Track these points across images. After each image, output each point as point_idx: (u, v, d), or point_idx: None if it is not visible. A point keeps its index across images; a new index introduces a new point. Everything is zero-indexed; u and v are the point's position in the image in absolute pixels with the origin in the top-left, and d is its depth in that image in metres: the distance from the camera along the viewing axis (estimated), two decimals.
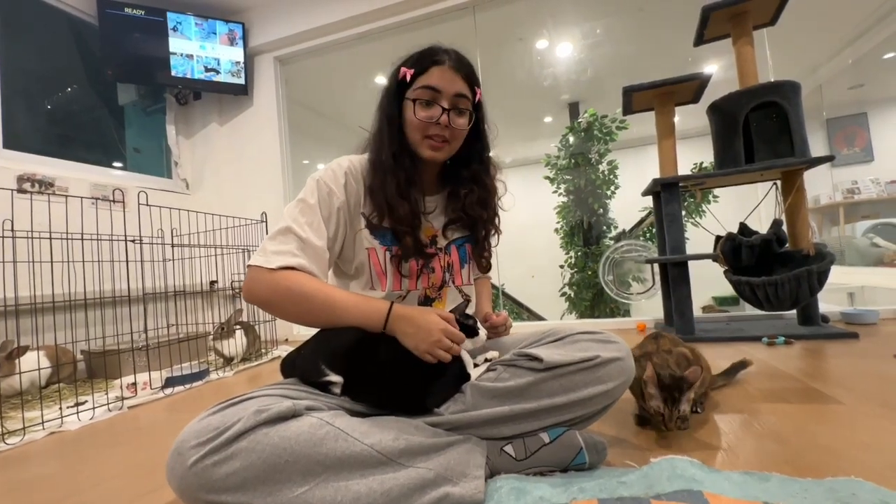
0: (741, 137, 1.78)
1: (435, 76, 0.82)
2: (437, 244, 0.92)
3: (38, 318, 1.81)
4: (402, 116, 0.86)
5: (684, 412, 0.85)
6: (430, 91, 0.82)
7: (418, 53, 0.85)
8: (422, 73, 0.83)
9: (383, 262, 0.86)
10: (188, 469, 0.57)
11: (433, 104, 0.83)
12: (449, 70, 0.83)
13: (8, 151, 2.21)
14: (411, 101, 0.84)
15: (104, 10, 2.57)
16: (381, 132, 0.87)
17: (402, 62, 0.86)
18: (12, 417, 1.38)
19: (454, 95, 0.83)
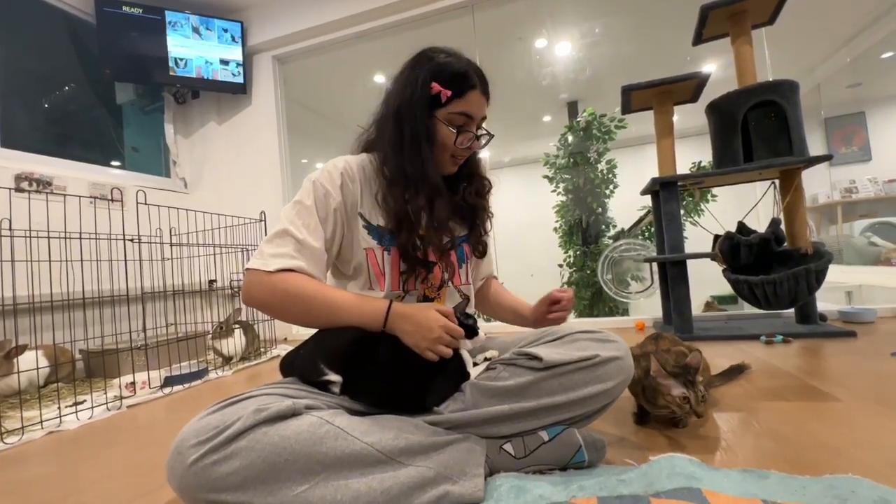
0: (740, 136, 1.79)
1: (471, 102, 0.84)
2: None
3: (37, 318, 1.81)
4: (434, 128, 0.85)
5: (703, 393, 0.85)
6: (466, 118, 0.85)
7: (452, 73, 0.84)
8: (459, 96, 0.83)
9: (381, 262, 0.86)
10: (188, 468, 0.57)
11: (465, 129, 0.85)
12: (481, 96, 0.85)
13: (6, 150, 2.20)
14: (443, 122, 0.84)
15: (102, 9, 2.56)
16: (413, 146, 0.84)
17: (433, 75, 0.83)
18: (11, 417, 1.38)
19: (481, 119, 0.87)
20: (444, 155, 0.87)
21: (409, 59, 0.89)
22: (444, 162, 0.88)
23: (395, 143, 0.85)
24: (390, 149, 0.85)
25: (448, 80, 0.83)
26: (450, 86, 0.83)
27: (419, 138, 0.84)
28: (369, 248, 0.86)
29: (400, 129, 0.85)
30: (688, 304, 1.85)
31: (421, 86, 0.83)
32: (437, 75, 0.83)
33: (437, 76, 0.83)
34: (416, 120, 0.84)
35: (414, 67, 0.86)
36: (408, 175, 0.83)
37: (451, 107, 0.84)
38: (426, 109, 0.84)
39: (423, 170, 0.84)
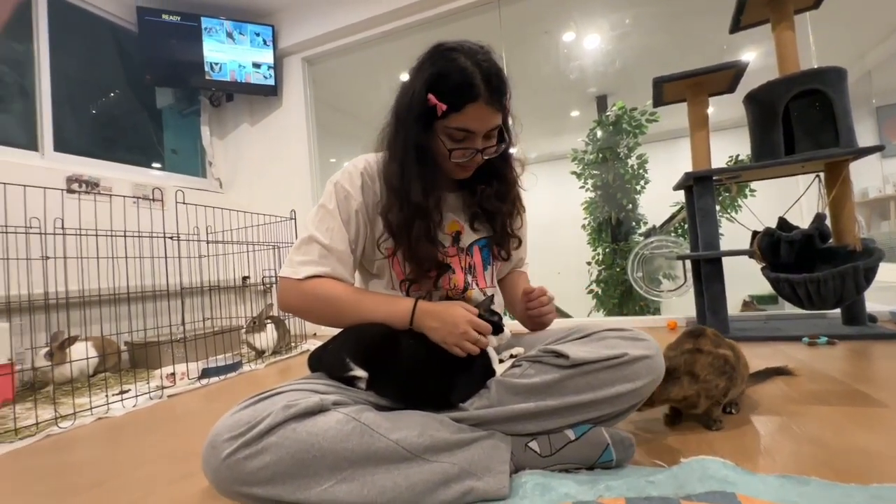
0: (780, 127, 1.70)
1: (469, 117, 0.77)
2: (460, 241, 0.91)
3: (86, 311, 1.93)
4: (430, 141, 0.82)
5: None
6: (463, 133, 0.79)
7: (452, 84, 0.76)
8: (457, 110, 0.77)
9: (403, 264, 0.86)
10: (222, 462, 0.59)
11: (464, 145, 0.80)
12: (484, 107, 0.77)
13: (58, 154, 2.35)
14: (441, 135, 0.80)
15: (143, 18, 2.69)
16: (406, 162, 0.81)
17: (431, 84, 0.77)
18: (64, 403, 1.48)
19: (488, 132, 0.80)
20: (448, 165, 0.83)
21: (423, 54, 0.83)
22: (450, 170, 0.84)
23: (393, 150, 0.83)
24: (390, 154, 0.84)
25: (446, 92, 0.76)
26: (447, 98, 0.76)
27: (409, 151, 0.80)
28: (389, 247, 0.86)
29: (396, 138, 0.82)
30: (723, 304, 1.78)
31: (417, 96, 0.78)
32: (434, 85, 0.77)
33: (434, 86, 0.77)
34: (410, 131, 0.80)
35: (419, 70, 0.81)
36: (395, 188, 0.81)
37: (448, 121, 0.78)
38: (423, 121, 0.79)
39: (408, 187, 0.80)
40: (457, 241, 0.91)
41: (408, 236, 0.81)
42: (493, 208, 0.90)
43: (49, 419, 1.29)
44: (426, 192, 0.81)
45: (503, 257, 0.97)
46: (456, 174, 0.86)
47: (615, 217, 3.75)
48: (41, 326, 1.81)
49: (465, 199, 0.93)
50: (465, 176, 0.87)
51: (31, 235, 1.75)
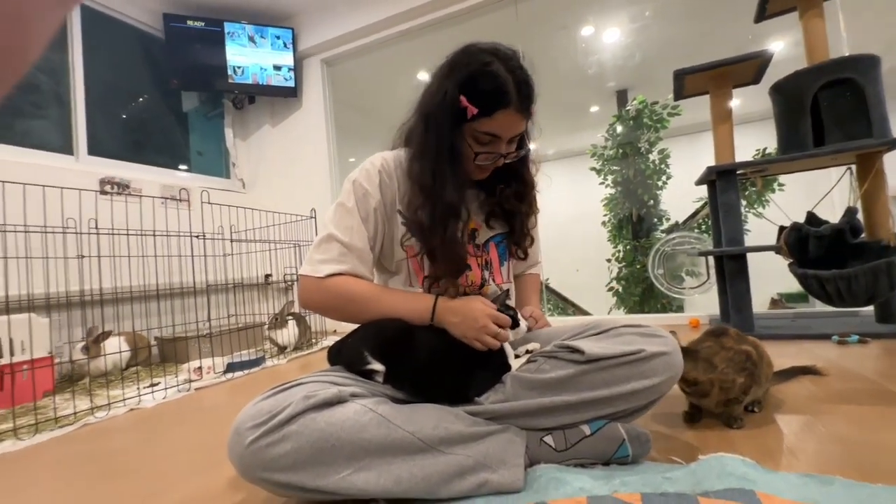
0: (809, 119, 1.64)
1: (498, 123, 0.79)
2: (476, 238, 0.92)
3: (119, 307, 2.01)
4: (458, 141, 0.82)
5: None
6: (490, 136, 0.80)
7: (484, 89, 0.77)
8: (487, 115, 0.78)
9: (420, 259, 0.87)
10: (245, 448, 0.61)
11: (488, 149, 0.82)
12: (514, 114, 0.78)
13: (92, 157, 2.45)
14: (468, 137, 0.81)
15: (169, 24, 2.78)
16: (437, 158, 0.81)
17: (464, 86, 0.78)
18: (99, 395, 1.55)
19: (513, 137, 0.82)
20: (470, 166, 0.84)
21: (454, 53, 0.83)
22: (470, 171, 0.86)
23: (421, 148, 0.83)
24: (417, 152, 0.84)
25: (479, 97, 0.77)
26: (478, 102, 0.77)
27: (442, 151, 0.81)
28: (409, 245, 0.87)
29: (426, 137, 0.82)
30: (747, 301, 1.73)
31: (450, 97, 0.79)
32: (467, 88, 0.78)
33: (466, 89, 0.78)
34: (441, 131, 0.80)
35: (451, 69, 0.81)
36: (425, 186, 0.81)
37: (478, 124, 0.79)
38: (453, 122, 0.80)
39: (442, 187, 0.80)
40: (473, 238, 0.92)
41: (442, 236, 0.81)
42: (512, 208, 0.92)
43: (86, 409, 1.36)
44: (459, 192, 0.82)
45: (520, 256, 0.98)
46: (475, 175, 0.87)
47: (636, 213, 3.69)
48: (77, 322, 1.90)
49: (479, 197, 0.93)
50: (483, 177, 0.88)
51: (67, 235, 1.84)
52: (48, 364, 1.62)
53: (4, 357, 1.48)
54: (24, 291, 1.67)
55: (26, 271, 1.71)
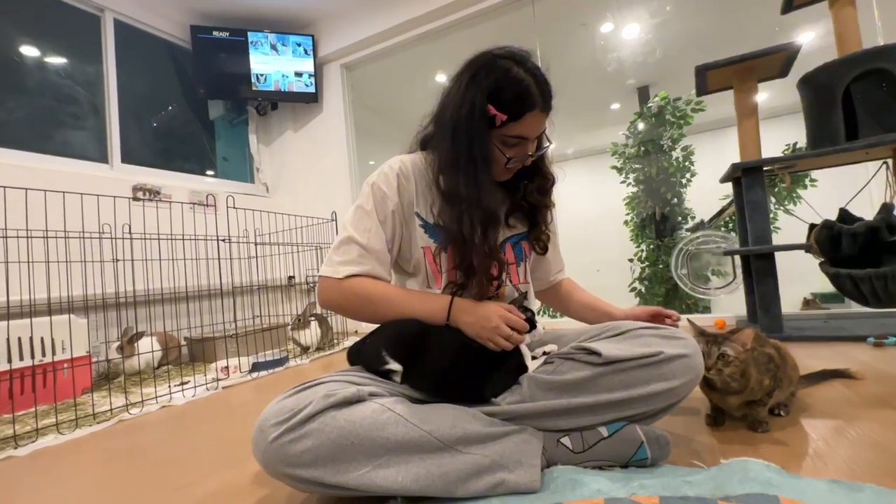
0: (840, 112, 1.58)
1: (527, 124, 0.82)
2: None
3: (151, 308, 2.10)
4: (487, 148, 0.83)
5: (725, 353, 0.81)
6: (519, 139, 0.84)
7: (511, 96, 0.80)
8: (515, 120, 0.81)
9: (438, 260, 0.88)
10: (269, 444, 0.64)
11: (518, 150, 0.85)
12: (539, 114, 0.82)
13: (125, 165, 2.57)
14: (497, 142, 0.83)
15: (196, 35, 2.89)
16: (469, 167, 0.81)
17: (490, 96, 0.79)
18: (133, 392, 1.62)
19: (538, 136, 0.86)
20: (498, 168, 0.86)
21: (471, 62, 0.85)
22: (497, 173, 0.88)
23: (451, 160, 0.83)
24: (446, 164, 0.84)
25: (506, 104, 0.79)
26: (507, 109, 0.79)
27: (475, 160, 0.81)
28: (426, 246, 0.88)
29: (456, 148, 0.82)
30: (776, 301, 1.68)
31: (478, 107, 0.80)
32: (493, 97, 0.80)
33: (493, 98, 0.80)
34: (472, 140, 0.81)
35: (474, 79, 0.82)
36: (462, 197, 0.81)
37: (506, 129, 0.81)
38: (482, 130, 0.81)
39: (479, 195, 0.81)
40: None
41: (484, 245, 0.82)
42: (535, 202, 0.94)
43: (121, 406, 1.43)
44: (494, 198, 0.86)
45: (538, 251, 0.99)
46: (502, 177, 0.90)
47: (659, 212, 3.61)
48: (113, 322, 1.99)
49: (497, 197, 0.94)
50: (508, 177, 0.90)
51: (103, 240, 1.93)
52: (87, 363, 1.71)
53: (47, 356, 1.56)
54: (65, 294, 1.76)
55: (66, 275, 1.80)
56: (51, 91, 2.42)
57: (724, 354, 0.81)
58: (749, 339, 0.82)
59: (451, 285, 0.86)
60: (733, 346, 0.82)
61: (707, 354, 0.81)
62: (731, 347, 0.81)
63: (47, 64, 2.44)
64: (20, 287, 1.52)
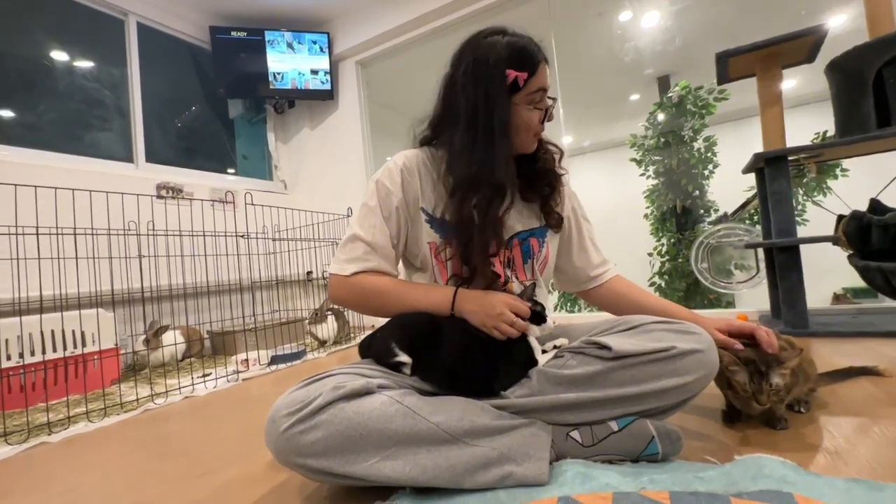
0: (871, 97, 1.51)
1: (541, 75, 0.84)
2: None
3: (175, 303, 2.17)
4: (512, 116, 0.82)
5: (777, 385, 0.76)
6: (542, 93, 0.84)
7: (522, 54, 0.82)
8: (533, 74, 0.82)
9: (442, 255, 0.88)
10: (280, 434, 0.65)
11: (543, 103, 0.85)
12: (545, 66, 0.85)
13: (149, 164, 2.65)
14: (524, 105, 0.83)
15: (215, 36, 2.94)
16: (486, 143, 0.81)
17: (507, 62, 0.80)
18: (158, 383, 1.69)
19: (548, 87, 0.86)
20: (528, 136, 0.87)
21: (462, 49, 0.86)
22: (527, 143, 0.88)
23: (466, 144, 0.82)
24: (459, 150, 0.83)
25: (521, 62, 0.81)
26: (524, 67, 0.81)
27: (494, 134, 0.80)
28: (432, 241, 0.88)
29: (473, 130, 0.81)
30: (801, 295, 1.62)
31: (496, 79, 0.80)
32: (509, 61, 0.80)
33: (510, 62, 0.80)
34: (495, 113, 0.80)
35: (477, 60, 0.82)
36: (472, 177, 0.81)
37: (529, 86, 0.82)
38: (505, 99, 0.81)
39: (491, 169, 0.80)
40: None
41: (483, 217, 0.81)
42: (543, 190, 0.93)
43: (146, 396, 1.48)
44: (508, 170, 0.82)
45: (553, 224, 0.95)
46: (532, 145, 0.89)
47: (680, 205, 3.52)
48: (139, 316, 2.07)
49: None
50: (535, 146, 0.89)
51: (129, 237, 2.00)
52: (114, 354, 1.78)
53: (77, 348, 1.64)
54: (94, 289, 1.84)
55: (96, 270, 1.87)
56: (79, 94, 2.52)
57: (776, 388, 0.76)
58: (791, 359, 0.78)
59: (455, 278, 0.87)
60: (780, 374, 0.76)
61: (759, 391, 0.76)
62: (777, 376, 0.76)
63: (75, 68, 2.53)
64: (53, 282, 1.59)
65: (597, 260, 1.02)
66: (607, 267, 1.03)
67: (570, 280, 1.05)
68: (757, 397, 0.77)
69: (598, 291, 1.02)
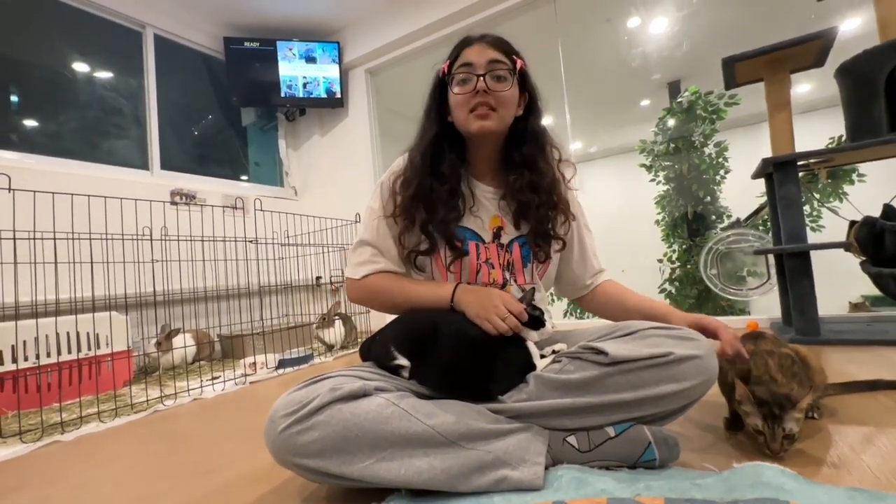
0: (882, 101, 1.49)
1: (467, 54, 0.88)
2: (500, 238, 0.93)
3: (186, 307, 2.21)
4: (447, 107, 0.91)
5: (791, 430, 0.71)
6: (464, 68, 0.87)
7: (453, 47, 0.91)
8: (456, 58, 0.89)
9: (444, 259, 0.91)
10: (278, 434, 0.67)
11: (470, 78, 0.87)
12: (480, 46, 0.88)
13: (164, 171, 2.72)
14: (452, 87, 0.88)
15: (229, 46, 3.02)
16: (422, 124, 0.94)
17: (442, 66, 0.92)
18: (168, 385, 1.72)
19: (488, 63, 0.86)
20: (462, 113, 0.87)
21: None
22: (465, 120, 0.87)
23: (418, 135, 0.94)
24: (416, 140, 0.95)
25: (450, 54, 0.90)
26: (449, 57, 0.90)
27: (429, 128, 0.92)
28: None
29: (422, 123, 0.94)
30: (812, 302, 1.59)
31: (436, 78, 0.93)
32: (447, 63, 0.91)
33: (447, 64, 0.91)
34: (430, 102, 0.92)
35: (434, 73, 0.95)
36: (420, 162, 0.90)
37: (454, 69, 0.88)
38: (439, 91, 0.92)
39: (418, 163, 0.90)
40: (497, 237, 0.93)
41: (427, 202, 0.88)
42: (526, 199, 0.89)
43: (156, 398, 1.51)
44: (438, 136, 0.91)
45: (540, 259, 0.94)
46: (472, 123, 0.86)
47: (691, 211, 3.48)
48: (152, 320, 2.11)
49: (501, 196, 0.94)
50: (486, 123, 0.85)
51: (143, 242, 2.05)
52: (126, 357, 1.82)
53: (91, 350, 1.68)
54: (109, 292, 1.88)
55: (112, 274, 1.92)
56: (98, 104, 2.60)
57: (789, 435, 0.72)
58: (805, 400, 0.72)
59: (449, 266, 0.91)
60: (795, 418, 0.72)
61: (772, 437, 0.72)
62: (792, 421, 0.71)
63: (95, 78, 2.61)
64: (69, 286, 1.63)
65: (594, 269, 1.03)
66: (600, 274, 1.04)
67: (568, 287, 1.06)
68: (770, 445, 0.72)
69: (590, 296, 1.04)
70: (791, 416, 0.72)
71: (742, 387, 0.76)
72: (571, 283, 1.04)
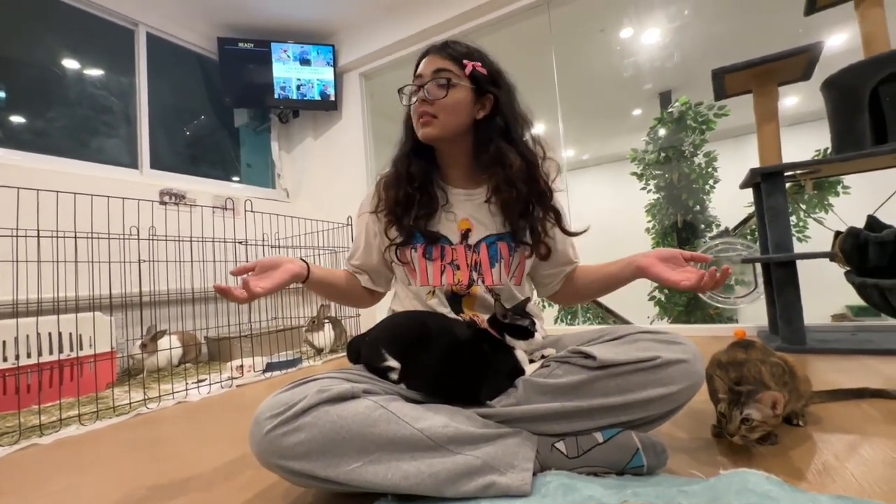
0: (866, 115, 1.52)
1: (421, 66, 0.92)
2: (468, 239, 0.93)
3: (172, 308, 2.18)
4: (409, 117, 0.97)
5: (748, 416, 0.73)
6: (416, 80, 0.92)
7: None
8: (415, 71, 0.93)
9: (412, 257, 0.94)
10: (264, 436, 0.65)
11: (417, 89, 0.91)
12: (432, 56, 0.91)
13: (153, 171, 2.68)
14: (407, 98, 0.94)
15: (223, 47, 3.01)
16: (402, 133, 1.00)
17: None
18: (152, 388, 1.69)
19: (433, 72, 0.89)
20: (415, 122, 0.92)
21: None
22: (416, 129, 0.92)
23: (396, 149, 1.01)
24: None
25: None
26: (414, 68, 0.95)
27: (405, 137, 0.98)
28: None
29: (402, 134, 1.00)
30: (797, 312, 1.61)
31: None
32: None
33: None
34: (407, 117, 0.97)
35: None
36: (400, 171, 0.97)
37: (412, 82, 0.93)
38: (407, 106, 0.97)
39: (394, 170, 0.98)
40: (465, 238, 0.93)
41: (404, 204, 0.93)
42: (506, 196, 0.89)
43: (139, 401, 1.48)
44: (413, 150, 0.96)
45: (539, 255, 0.94)
46: (418, 132, 0.92)
47: (681, 219, 3.52)
48: (137, 321, 2.08)
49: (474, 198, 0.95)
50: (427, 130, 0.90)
51: (130, 241, 2.02)
52: (109, 358, 1.78)
53: (74, 351, 1.64)
54: (93, 292, 1.85)
55: (97, 274, 1.89)
56: (88, 101, 2.57)
57: (747, 419, 0.73)
58: (780, 402, 0.73)
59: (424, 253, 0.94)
60: (759, 409, 0.73)
61: (729, 418, 0.74)
62: (756, 409, 0.73)
63: (85, 76, 2.58)
64: (53, 285, 1.60)
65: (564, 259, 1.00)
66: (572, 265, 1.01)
67: (545, 287, 1.04)
68: (727, 427, 0.75)
69: (563, 291, 1.03)
70: (755, 406, 0.74)
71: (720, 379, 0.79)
72: (549, 280, 1.02)
